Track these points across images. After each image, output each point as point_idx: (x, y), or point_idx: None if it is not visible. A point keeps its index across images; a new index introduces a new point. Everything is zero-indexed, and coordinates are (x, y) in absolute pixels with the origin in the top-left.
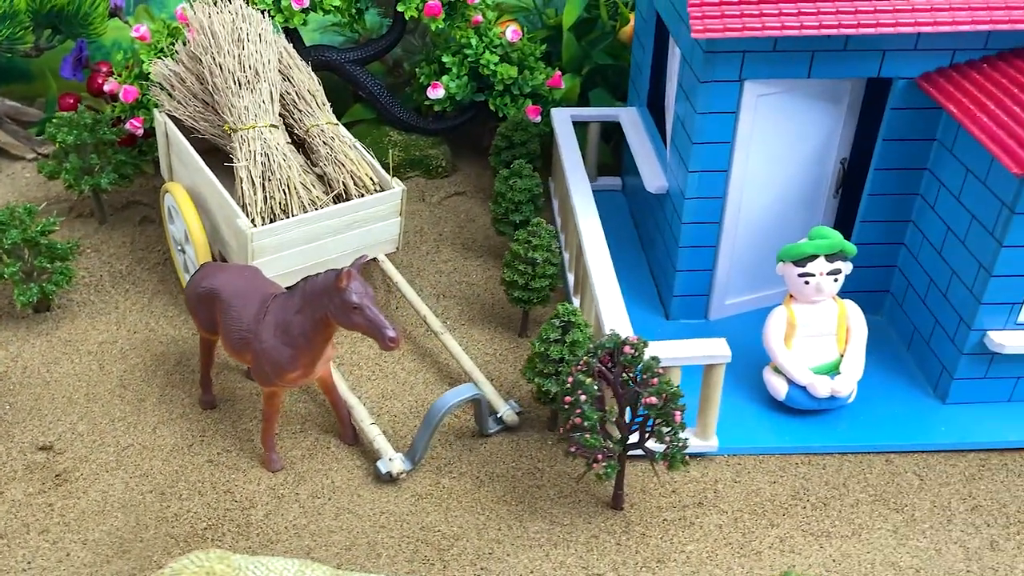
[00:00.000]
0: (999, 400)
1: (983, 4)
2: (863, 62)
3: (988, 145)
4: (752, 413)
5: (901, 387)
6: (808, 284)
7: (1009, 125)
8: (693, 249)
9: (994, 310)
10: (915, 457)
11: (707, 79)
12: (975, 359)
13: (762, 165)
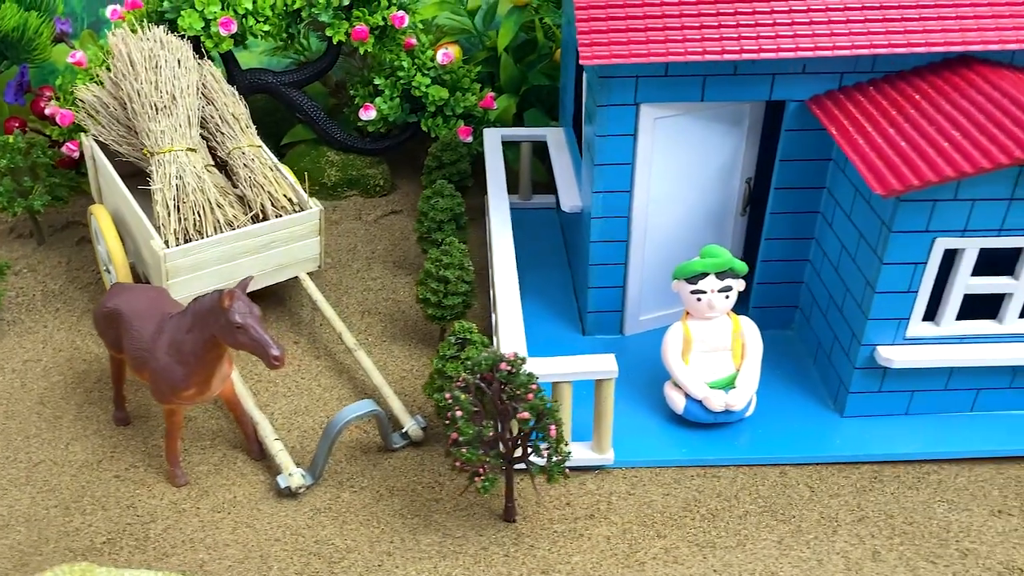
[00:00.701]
0: (896, 413)
1: (864, 30)
2: (754, 86)
3: (858, 166)
4: (654, 427)
5: (803, 401)
6: (700, 301)
7: (881, 147)
8: (603, 267)
9: (881, 325)
10: (809, 469)
11: (603, 103)
12: (868, 373)
13: (666, 185)
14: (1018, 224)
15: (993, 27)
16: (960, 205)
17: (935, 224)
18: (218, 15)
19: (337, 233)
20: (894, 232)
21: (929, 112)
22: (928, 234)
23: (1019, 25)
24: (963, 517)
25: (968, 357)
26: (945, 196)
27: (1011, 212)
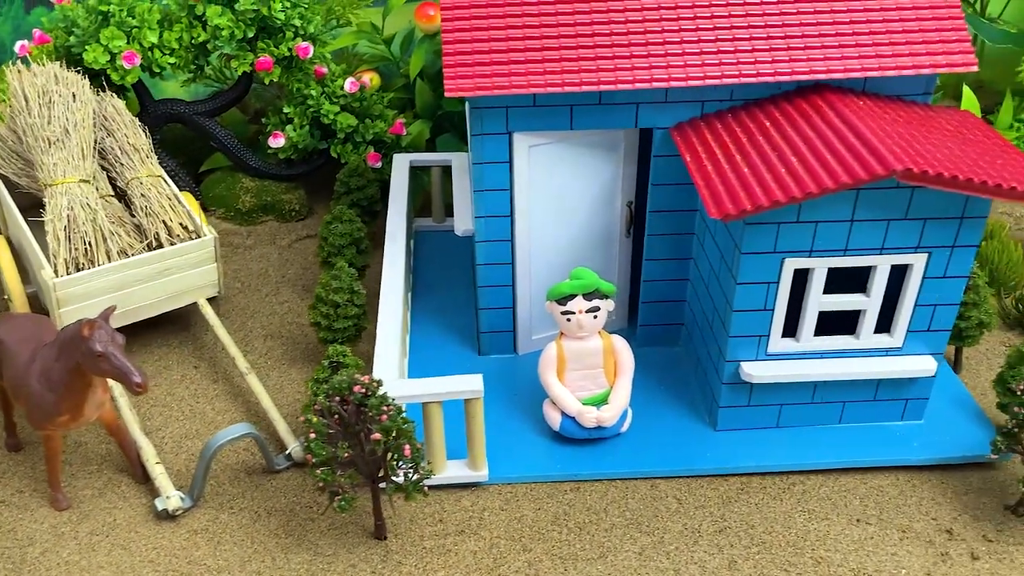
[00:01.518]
0: (766, 426)
1: (716, 61)
2: (620, 115)
3: (700, 190)
4: (533, 444)
5: (680, 416)
6: (570, 321)
7: (725, 172)
8: (491, 288)
9: (742, 342)
10: (680, 482)
11: (476, 132)
12: (735, 388)
13: (548, 209)
14: (861, 244)
15: (839, 56)
16: (804, 227)
17: (782, 245)
18: (122, 49)
19: (250, 258)
20: (744, 254)
21: (775, 139)
22: (777, 255)
23: (865, 55)
24: (822, 526)
25: (828, 371)
26: (789, 219)
27: (854, 233)
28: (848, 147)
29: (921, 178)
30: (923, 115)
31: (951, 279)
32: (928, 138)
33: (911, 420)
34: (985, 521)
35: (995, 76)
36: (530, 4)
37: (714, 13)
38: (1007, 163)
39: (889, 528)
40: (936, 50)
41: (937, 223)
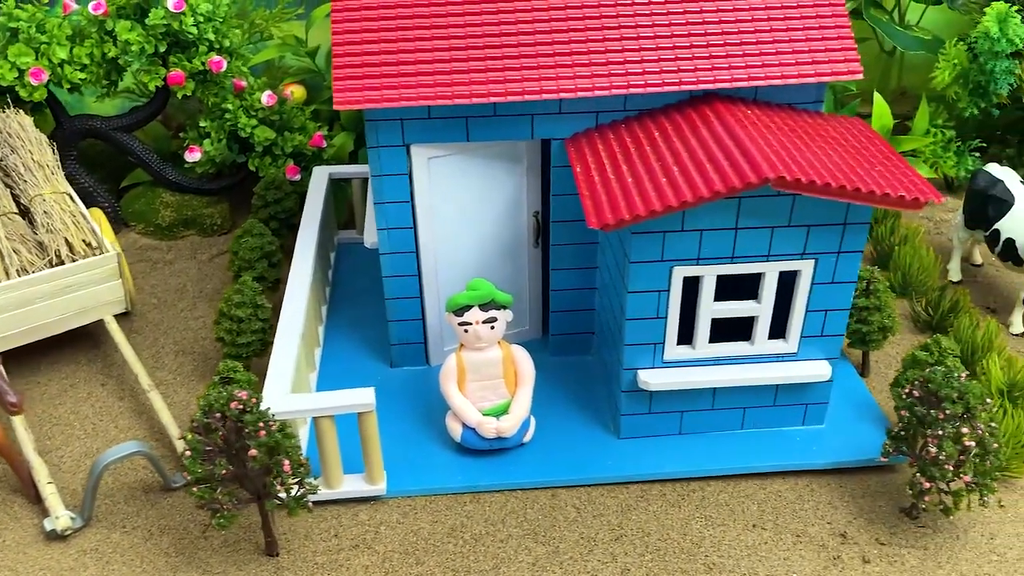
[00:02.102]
0: (669, 433)
1: (604, 72)
2: (516, 126)
3: (584, 201)
4: (436, 456)
5: (586, 424)
6: (467, 332)
7: (610, 182)
8: (399, 300)
9: (638, 350)
10: (581, 491)
11: (373, 144)
12: (635, 396)
13: (452, 220)
14: (748, 252)
15: (727, 67)
16: (690, 235)
17: (670, 254)
18: (30, 65)
19: (168, 273)
20: (632, 263)
21: (660, 149)
22: (665, 263)
23: (752, 64)
24: (717, 532)
25: (724, 378)
26: (674, 227)
27: (739, 241)
28: (727, 156)
29: (794, 185)
30: (811, 124)
31: (839, 284)
32: (809, 146)
33: (812, 425)
34: (880, 524)
35: (916, 82)
36: (423, 16)
37: (604, 24)
38: (887, 170)
39: (784, 533)
40: (822, 59)
41: (821, 230)
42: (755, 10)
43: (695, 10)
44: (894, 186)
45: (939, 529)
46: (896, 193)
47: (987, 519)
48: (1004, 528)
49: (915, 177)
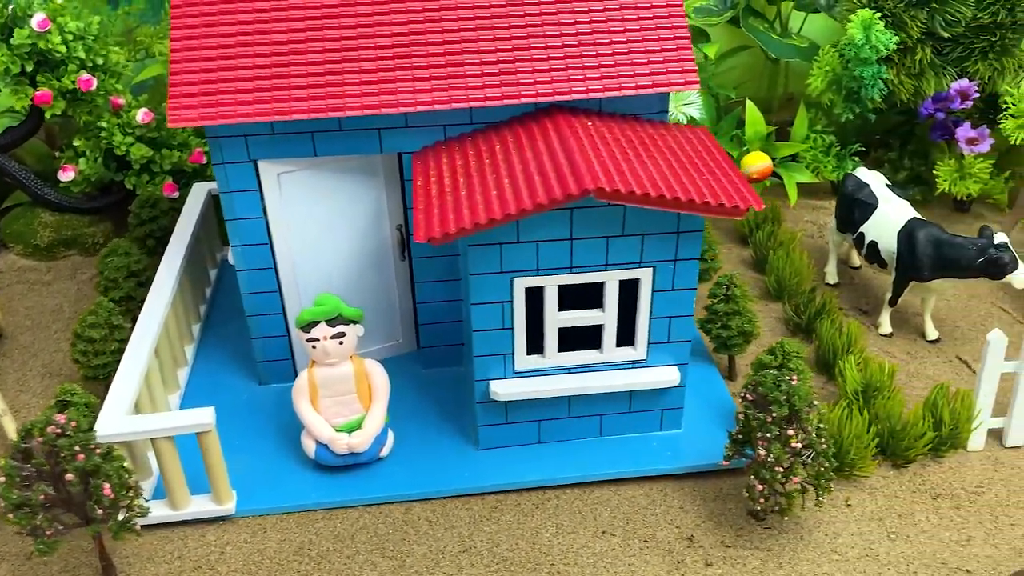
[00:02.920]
0: (528, 443)
1: (445, 86)
2: (364, 140)
3: (416, 215)
4: (292, 473)
5: (449, 436)
6: (316, 348)
7: (445, 195)
8: (261, 317)
9: (488, 361)
10: (436, 504)
11: (218, 161)
12: (490, 407)
13: (311, 235)
14: (586, 261)
15: (566, 79)
16: (527, 247)
17: (508, 265)
18: None
19: (46, 294)
20: (472, 275)
21: (498, 162)
22: (505, 275)
23: (591, 76)
24: (567, 540)
25: (575, 386)
26: (510, 239)
27: (576, 251)
28: (556, 168)
29: (614, 196)
30: (650, 134)
31: (680, 292)
32: (641, 157)
33: (670, 430)
34: (727, 527)
35: (803, 88)
36: (263, 32)
37: (446, 39)
38: (715, 180)
39: (632, 539)
40: (659, 70)
41: (655, 238)
42: (595, 23)
43: (536, 23)
44: (715, 195)
45: (785, 530)
46: (716, 201)
47: (833, 519)
48: (849, 527)
49: (742, 186)
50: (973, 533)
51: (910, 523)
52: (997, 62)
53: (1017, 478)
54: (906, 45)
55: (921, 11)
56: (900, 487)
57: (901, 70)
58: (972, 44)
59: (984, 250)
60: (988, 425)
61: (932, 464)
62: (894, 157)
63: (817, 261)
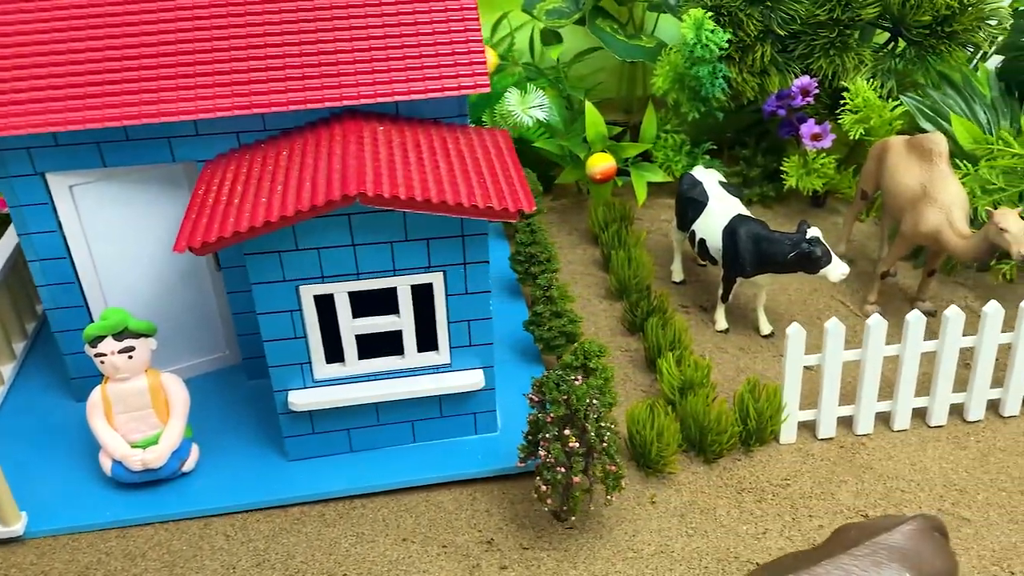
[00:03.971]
0: (340, 452)
1: (228, 92)
2: (154, 150)
3: (184, 223)
4: (91, 491)
5: (263, 447)
6: (104, 363)
7: (219, 203)
8: (68, 333)
9: (285, 371)
10: (236, 518)
11: (3, 175)
12: (295, 417)
13: (116, 247)
14: (372, 267)
15: (354, 83)
16: (308, 254)
17: (291, 273)
18: None
19: None
20: (255, 284)
21: (280, 168)
22: (289, 283)
23: (381, 80)
24: (365, 549)
25: (378, 393)
26: (288, 247)
27: (361, 257)
28: (328, 174)
29: (379, 200)
30: (443, 138)
31: (474, 295)
32: (423, 162)
33: (486, 433)
34: (529, 529)
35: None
36: (41, 43)
37: (232, 45)
38: (495, 183)
39: (431, 544)
40: (450, 74)
41: (441, 242)
42: (388, 27)
43: (328, 28)
44: (487, 197)
45: (586, 530)
46: (484, 204)
47: (636, 516)
48: (649, 524)
49: (520, 188)
50: (770, 526)
51: (711, 518)
52: (839, 58)
53: (824, 470)
54: (745, 43)
55: (757, 9)
56: (708, 482)
57: (744, 68)
58: (813, 41)
59: (797, 244)
60: (798, 418)
61: (743, 459)
62: (748, 155)
63: (668, 259)
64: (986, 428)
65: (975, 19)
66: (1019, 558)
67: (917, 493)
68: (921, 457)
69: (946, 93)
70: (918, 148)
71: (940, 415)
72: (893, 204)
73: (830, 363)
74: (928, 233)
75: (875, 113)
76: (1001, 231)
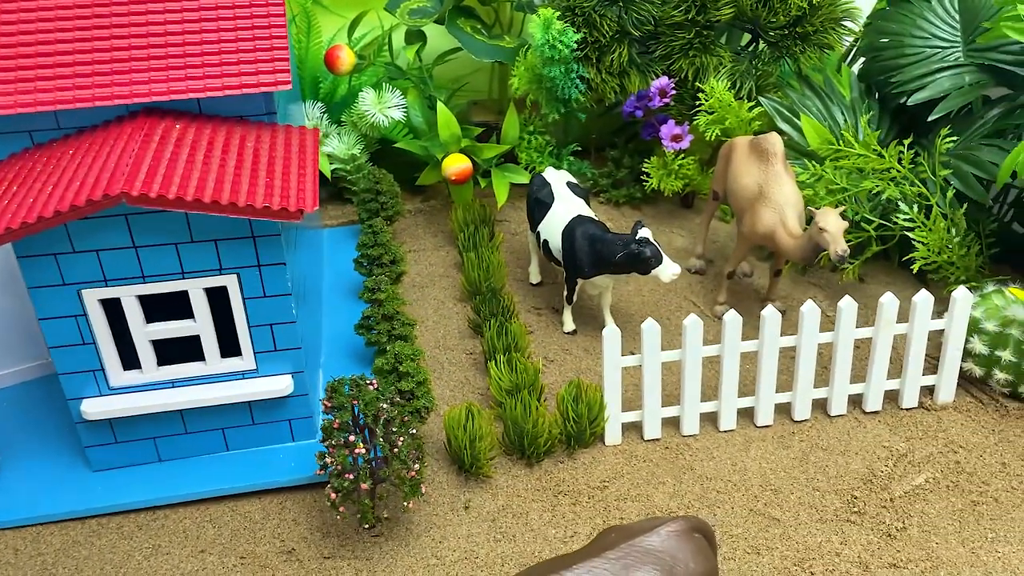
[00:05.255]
0: (147, 462)
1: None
2: None
3: None
4: None
5: (69, 457)
6: None
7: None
8: None
9: (77, 379)
10: (29, 531)
11: None
12: (94, 426)
13: None
14: (158, 270)
15: (146, 80)
16: (86, 256)
17: (71, 276)
18: None
19: None
20: (32, 288)
21: (60, 168)
22: (70, 287)
23: (175, 78)
24: (159, 561)
25: (174, 400)
26: (63, 249)
27: (144, 259)
28: (100, 173)
29: (145, 200)
30: (242, 137)
31: (274, 298)
32: (209, 161)
33: (305, 440)
34: (334, 537)
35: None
36: None
37: (20, 40)
38: (284, 183)
39: (230, 555)
40: (249, 71)
41: (231, 244)
42: (188, 23)
43: (123, 23)
44: (267, 197)
45: (392, 537)
46: (260, 204)
47: (447, 522)
48: (459, 530)
49: (310, 188)
50: (580, 529)
51: (522, 522)
52: (698, 59)
53: (645, 471)
54: (601, 44)
55: (611, 10)
56: (526, 486)
57: (602, 69)
58: (672, 42)
59: (627, 245)
60: (622, 420)
61: (566, 461)
62: (617, 156)
63: (528, 262)
64: (812, 427)
65: (826, 20)
66: (821, 559)
67: (732, 493)
68: (743, 457)
69: (804, 94)
70: (756, 149)
71: (767, 415)
72: (735, 204)
73: (649, 363)
74: (764, 233)
75: (731, 114)
76: (821, 231)
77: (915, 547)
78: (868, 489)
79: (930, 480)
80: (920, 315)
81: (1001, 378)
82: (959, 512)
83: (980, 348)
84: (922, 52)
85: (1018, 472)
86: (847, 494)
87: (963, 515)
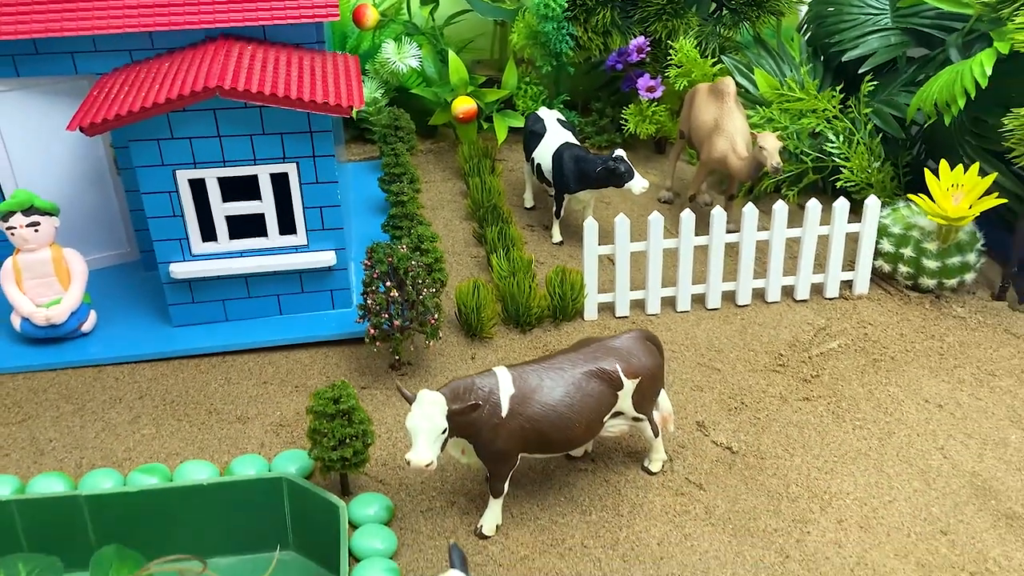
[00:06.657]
0: (216, 320)
1: (115, 14)
2: (59, 63)
3: (77, 114)
4: (1, 345)
5: (149, 318)
6: (14, 235)
7: (107, 100)
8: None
9: (167, 245)
10: (126, 367)
11: None
12: (176, 287)
13: (28, 152)
14: (236, 156)
15: (226, 10)
16: (181, 142)
17: (169, 159)
18: None
19: None
20: (138, 167)
21: (162, 75)
22: (167, 167)
23: (248, 9)
24: (231, 388)
25: (242, 266)
26: (164, 135)
27: (226, 147)
28: (196, 74)
29: (234, 93)
30: (300, 57)
31: (324, 184)
32: (278, 71)
33: (343, 308)
34: (368, 375)
35: None
36: None
37: None
38: (336, 90)
39: (286, 386)
40: (308, 4)
41: (293, 137)
42: None
43: None
44: (327, 96)
45: (414, 375)
46: (321, 100)
47: (457, 367)
48: (467, 371)
49: (356, 94)
50: None
51: None
52: (671, 23)
53: None
54: (588, 7)
55: None
56: (520, 346)
57: (588, 28)
58: (648, 7)
59: (605, 162)
60: (598, 300)
61: (553, 330)
62: (600, 107)
63: (523, 190)
64: (752, 310)
65: None
66: (751, 394)
67: (684, 353)
68: (695, 330)
69: (760, 54)
70: (714, 91)
71: (715, 300)
72: (696, 137)
73: (620, 253)
74: (718, 158)
75: (697, 69)
76: (761, 148)
77: (824, 388)
78: (792, 350)
79: (842, 345)
80: (839, 218)
81: (904, 271)
82: (862, 366)
83: (888, 247)
84: (857, 18)
85: (912, 341)
86: (775, 353)
87: (865, 368)
